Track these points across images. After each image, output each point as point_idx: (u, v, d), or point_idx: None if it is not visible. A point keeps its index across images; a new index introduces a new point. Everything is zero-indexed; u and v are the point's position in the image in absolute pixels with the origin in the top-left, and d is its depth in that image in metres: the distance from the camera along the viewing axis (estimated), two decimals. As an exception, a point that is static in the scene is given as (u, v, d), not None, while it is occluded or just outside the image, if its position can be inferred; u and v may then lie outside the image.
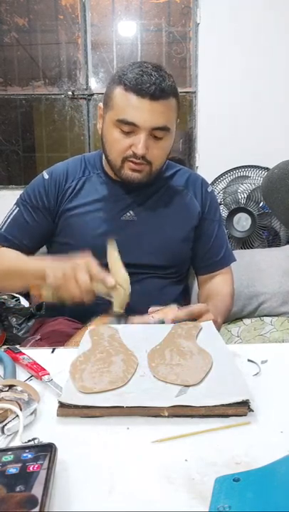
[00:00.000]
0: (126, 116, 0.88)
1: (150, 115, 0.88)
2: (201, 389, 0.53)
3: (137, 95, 0.87)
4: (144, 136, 0.89)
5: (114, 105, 0.91)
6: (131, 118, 0.88)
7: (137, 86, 0.87)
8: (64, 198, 1.00)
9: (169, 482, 0.39)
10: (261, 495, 0.35)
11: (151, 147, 0.91)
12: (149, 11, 2.88)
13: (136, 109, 0.88)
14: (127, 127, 0.89)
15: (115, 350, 0.64)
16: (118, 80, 0.91)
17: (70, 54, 2.91)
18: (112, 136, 0.92)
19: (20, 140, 3.21)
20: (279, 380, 0.59)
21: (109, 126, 0.93)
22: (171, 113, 0.92)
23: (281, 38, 2.62)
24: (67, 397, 0.51)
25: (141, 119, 0.88)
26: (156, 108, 0.88)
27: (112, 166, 0.97)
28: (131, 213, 1.00)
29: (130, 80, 0.88)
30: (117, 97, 0.90)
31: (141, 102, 0.87)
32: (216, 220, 1.10)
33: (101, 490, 0.39)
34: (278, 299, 1.73)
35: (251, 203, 2.35)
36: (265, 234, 2.36)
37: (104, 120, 0.95)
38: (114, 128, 0.91)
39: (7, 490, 0.35)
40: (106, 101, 0.94)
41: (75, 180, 1.02)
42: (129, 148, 0.91)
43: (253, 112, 2.64)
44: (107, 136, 0.94)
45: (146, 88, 0.87)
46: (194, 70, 2.74)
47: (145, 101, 0.87)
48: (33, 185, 1.04)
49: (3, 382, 0.54)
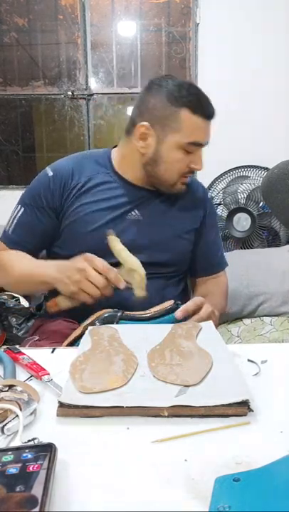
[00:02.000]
0: (198, 139, 0.94)
1: (209, 133, 0.97)
2: (201, 389, 0.53)
3: (204, 117, 0.93)
4: (201, 152, 0.97)
5: (183, 129, 0.92)
6: (202, 140, 0.95)
7: (204, 109, 0.93)
8: (70, 196, 0.99)
9: (169, 482, 0.39)
10: (261, 495, 0.35)
11: None
12: (149, 11, 2.88)
13: (204, 130, 0.95)
14: (193, 148, 0.94)
15: (115, 350, 0.64)
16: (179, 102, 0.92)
17: (70, 54, 2.91)
18: (176, 157, 0.95)
19: (20, 140, 3.21)
20: (279, 380, 0.60)
21: (172, 147, 0.94)
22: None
23: (281, 38, 2.62)
24: (67, 397, 0.51)
25: (205, 138, 0.96)
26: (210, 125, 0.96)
27: (162, 182, 0.99)
28: (136, 212, 1.01)
29: (195, 103, 0.92)
30: (186, 121, 0.92)
31: (206, 123, 0.94)
32: (215, 225, 1.16)
33: (101, 490, 0.39)
34: (278, 299, 1.73)
35: (251, 203, 2.35)
36: (265, 234, 2.36)
37: (161, 141, 0.95)
38: (178, 150, 0.94)
39: (7, 490, 0.35)
40: (165, 123, 0.93)
41: (81, 177, 1.00)
42: (187, 166, 0.97)
43: (253, 111, 2.64)
44: (169, 157, 0.95)
45: (211, 109, 0.94)
46: (194, 70, 2.74)
47: (208, 122, 0.95)
48: (37, 184, 1.02)
49: (3, 382, 0.54)
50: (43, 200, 0.99)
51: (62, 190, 0.99)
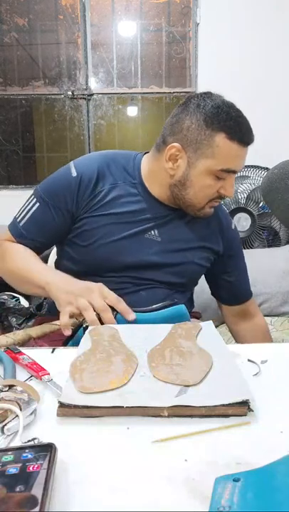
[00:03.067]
0: (231, 166, 0.89)
1: (244, 160, 0.93)
2: (201, 389, 0.53)
3: (240, 144, 0.88)
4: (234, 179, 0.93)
5: (218, 155, 0.87)
6: (234, 167, 0.90)
7: (242, 136, 0.88)
8: (91, 203, 0.94)
9: (169, 482, 0.39)
10: (261, 495, 0.35)
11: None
12: (149, 11, 2.88)
13: (239, 158, 0.90)
14: (226, 174, 0.90)
15: (115, 350, 0.64)
16: (215, 126, 0.86)
17: (70, 54, 2.91)
18: (205, 183, 0.91)
19: (20, 140, 3.22)
20: (279, 380, 0.59)
21: (203, 173, 0.90)
22: None
23: (281, 38, 2.62)
24: (67, 397, 0.50)
25: (239, 165, 0.92)
26: (246, 152, 0.92)
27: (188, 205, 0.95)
28: (155, 233, 0.97)
29: (233, 128, 0.87)
30: (221, 147, 0.87)
31: (242, 150, 0.90)
32: (240, 257, 1.14)
33: (101, 490, 0.39)
34: (278, 299, 1.73)
35: (251, 203, 2.35)
36: (265, 234, 2.36)
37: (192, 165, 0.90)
38: (209, 176, 0.90)
39: (7, 490, 0.35)
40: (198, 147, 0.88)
41: (106, 184, 0.95)
42: (217, 191, 0.92)
43: (253, 111, 2.64)
44: (199, 182, 0.91)
45: (249, 137, 0.90)
46: (194, 70, 2.74)
47: (245, 149, 0.90)
48: (59, 182, 0.96)
49: (3, 382, 0.54)
50: (62, 200, 0.94)
51: (84, 196, 0.94)
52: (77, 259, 0.98)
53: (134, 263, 0.95)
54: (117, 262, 0.95)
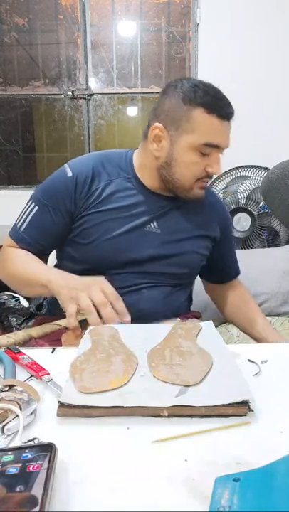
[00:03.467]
0: (212, 140, 0.89)
1: (228, 136, 0.92)
2: (201, 389, 0.53)
3: (220, 118, 0.89)
4: (219, 156, 0.93)
5: (197, 129, 0.89)
6: (217, 142, 0.90)
7: (220, 109, 0.88)
8: (88, 201, 0.96)
9: (169, 482, 0.39)
10: (261, 495, 0.35)
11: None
12: (149, 11, 2.88)
13: (220, 131, 0.90)
14: (209, 149, 0.90)
15: (115, 350, 0.64)
16: (193, 102, 0.88)
17: (70, 54, 2.91)
18: (191, 159, 0.91)
19: (20, 140, 3.22)
20: (279, 380, 0.59)
21: (186, 149, 0.91)
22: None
23: (281, 38, 2.62)
24: (67, 397, 0.51)
25: (223, 141, 0.91)
26: (230, 128, 0.93)
27: (178, 187, 0.95)
28: (154, 225, 0.98)
29: (210, 103, 0.88)
30: (200, 121, 0.88)
31: (223, 124, 0.90)
32: (231, 238, 1.17)
33: (101, 490, 0.39)
34: (278, 299, 1.73)
35: (251, 203, 2.35)
36: (265, 234, 2.36)
37: (174, 143, 0.91)
38: (193, 152, 0.90)
39: (7, 490, 0.35)
40: (179, 124, 0.90)
41: (101, 181, 0.97)
42: (204, 169, 0.92)
43: (253, 112, 2.64)
44: (183, 160, 0.91)
45: (228, 111, 0.90)
46: (194, 70, 2.74)
47: (225, 123, 0.90)
48: (55, 183, 0.97)
49: (3, 382, 0.54)
50: (60, 201, 0.95)
51: (81, 195, 0.95)
52: (79, 259, 0.98)
53: (136, 258, 0.96)
54: (119, 257, 0.95)
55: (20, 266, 0.94)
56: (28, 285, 0.93)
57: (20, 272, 0.93)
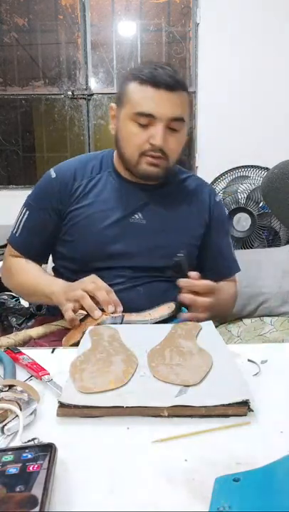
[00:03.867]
0: (143, 109, 0.89)
1: (167, 106, 0.89)
2: (201, 389, 0.53)
3: (153, 87, 0.88)
4: (161, 127, 0.89)
5: (130, 100, 0.91)
6: (149, 109, 0.89)
7: (152, 78, 0.88)
8: (72, 198, 0.98)
9: (169, 482, 0.39)
10: (261, 495, 0.35)
11: (168, 139, 0.91)
12: (149, 11, 2.88)
13: (153, 100, 0.89)
14: (145, 119, 0.89)
15: (115, 350, 0.64)
16: (132, 76, 0.92)
17: (70, 54, 2.91)
18: (129, 130, 0.92)
19: (20, 140, 3.22)
20: (279, 380, 0.59)
21: (124, 122, 0.93)
22: (185, 106, 0.93)
23: (281, 38, 2.62)
24: (67, 397, 0.51)
25: (159, 109, 0.89)
26: (173, 99, 0.89)
27: (127, 162, 0.96)
28: (139, 216, 0.99)
29: (145, 74, 0.89)
30: (133, 92, 0.91)
31: (158, 93, 0.88)
32: (224, 230, 1.12)
33: (101, 490, 0.39)
34: (278, 299, 1.72)
35: (251, 203, 2.35)
36: (265, 234, 2.36)
37: (118, 118, 0.96)
38: (130, 122, 0.92)
39: (7, 490, 0.35)
40: (119, 99, 0.95)
41: (84, 179, 1.00)
42: (147, 141, 0.91)
43: (253, 111, 2.64)
44: (123, 132, 0.94)
45: (162, 79, 0.88)
46: (194, 70, 2.74)
47: (162, 92, 0.88)
48: (41, 186, 1.02)
49: (3, 382, 0.54)
50: (47, 201, 0.99)
51: (65, 192, 0.98)
52: (68, 256, 1.00)
53: (124, 249, 0.96)
54: (106, 250, 0.95)
55: (25, 277, 0.99)
56: (34, 295, 0.98)
57: (26, 284, 0.98)
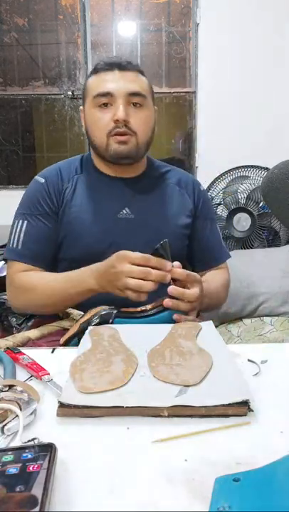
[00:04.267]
0: (100, 90, 0.94)
1: (122, 82, 0.94)
2: (201, 389, 0.53)
3: (106, 70, 0.95)
4: (121, 101, 0.93)
5: (89, 89, 0.97)
6: (105, 89, 0.94)
7: (104, 64, 0.96)
8: (63, 200, 1.00)
9: (169, 482, 0.39)
10: (261, 495, 0.35)
11: (132, 115, 0.94)
12: (149, 11, 2.88)
13: (107, 80, 0.95)
14: (104, 99, 0.94)
15: (115, 350, 0.64)
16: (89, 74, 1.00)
17: (70, 54, 2.91)
18: (93, 116, 0.96)
19: (20, 140, 3.22)
20: (279, 380, 0.59)
21: (88, 111, 0.98)
22: (143, 84, 0.97)
23: (281, 38, 2.62)
24: (67, 397, 0.51)
25: (114, 86, 0.94)
26: (127, 76, 0.95)
27: (99, 149, 0.98)
28: (127, 211, 1.01)
29: (100, 66, 0.97)
30: (91, 82, 0.97)
31: (110, 74, 0.95)
32: (209, 218, 1.12)
33: (101, 490, 0.39)
34: (278, 299, 1.73)
35: (251, 203, 2.35)
36: (265, 234, 2.36)
37: (85, 114, 1.00)
38: (93, 109, 0.96)
39: (7, 490, 0.35)
40: (83, 97, 1.01)
41: (70, 180, 1.02)
42: (111, 121, 0.94)
43: (253, 111, 2.64)
44: (89, 121, 0.98)
45: (114, 62, 0.95)
46: (194, 70, 2.74)
47: (115, 72, 0.95)
48: (32, 193, 1.01)
49: (3, 382, 0.54)
50: (43, 206, 0.99)
51: (56, 194, 1.00)
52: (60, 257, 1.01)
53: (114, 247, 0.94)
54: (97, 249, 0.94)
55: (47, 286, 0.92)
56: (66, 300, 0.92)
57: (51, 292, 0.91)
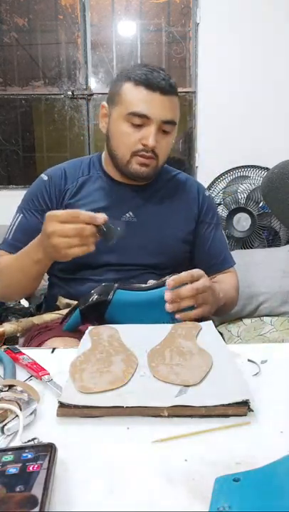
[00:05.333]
0: (137, 109, 0.91)
1: (161, 108, 0.92)
2: (201, 389, 0.53)
3: (148, 89, 0.91)
4: (154, 128, 0.92)
5: (124, 100, 0.93)
6: (143, 110, 0.91)
7: (147, 80, 0.90)
8: (64, 200, 1.01)
9: (169, 482, 0.39)
10: (261, 495, 0.35)
11: (159, 141, 0.93)
12: (149, 11, 2.88)
13: (147, 101, 0.91)
14: (138, 120, 0.92)
15: (115, 350, 0.64)
16: (125, 77, 0.93)
17: (70, 54, 2.91)
18: (121, 130, 0.94)
19: (20, 140, 3.22)
20: (279, 380, 0.59)
21: (117, 121, 0.94)
22: (176, 110, 0.96)
23: (281, 38, 2.62)
24: (67, 397, 0.51)
25: (152, 111, 0.91)
26: (166, 102, 0.92)
27: (118, 162, 0.97)
28: (130, 214, 1.01)
29: (140, 76, 0.91)
30: (127, 92, 0.92)
31: (152, 95, 0.91)
32: (214, 224, 1.11)
33: (101, 490, 0.39)
34: (278, 299, 1.73)
35: (251, 203, 2.35)
36: (265, 234, 2.36)
37: (110, 117, 0.97)
38: (123, 122, 0.93)
39: (7, 490, 0.35)
40: (112, 99, 0.96)
41: (74, 180, 1.03)
42: (139, 142, 0.93)
43: (253, 111, 2.64)
44: (115, 131, 0.96)
45: (157, 82, 0.90)
46: (194, 70, 2.74)
47: (156, 95, 0.91)
48: (34, 189, 1.04)
49: (3, 382, 0.54)
50: (41, 202, 1.00)
51: (57, 193, 1.00)
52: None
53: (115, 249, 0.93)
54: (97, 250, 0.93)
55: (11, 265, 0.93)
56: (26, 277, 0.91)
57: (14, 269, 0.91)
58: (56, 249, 0.75)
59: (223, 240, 1.14)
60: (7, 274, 0.94)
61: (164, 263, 1.01)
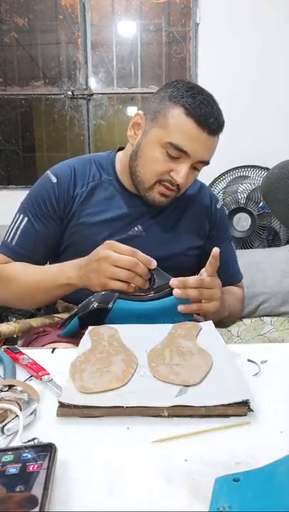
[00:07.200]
0: (180, 143, 0.85)
1: (203, 148, 0.87)
2: (201, 389, 0.53)
3: (198, 125, 0.85)
4: (188, 166, 0.88)
5: (169, 125, 0.86)
6: (185, 147, 0.86)
7: (200, 116, 0.84)
8: (73, 205, 0.95)
9: (169, 482, 0.39)
10: (261, 495, 0.35)
11: (187, 177, 0.89)
12: (149, 11, 2.88)
13: (193, 139, 0.85)
14: (176, 153, 0.86)
15: (115, 350, 0.64)
16: (176, 100, 0.86)
17: (70, 54, 2.91)
18: (154, 154, 0.88)
19: (20, 140, 3.22)
20: (279, 380, 0.59)
21: (153, 143, 0.89)
22: (215, 149, 0.92)
23: (281, 38, 2.62)
24: (67, 397, 0.50)
25: (194, 150, 0.86)
26: (209, 143, 0.88)
27: (139, 181, 0.93)
28: (139, 228, 0.97)
29: (193, 106, 0.85)
30: (175, 119, 0.86)
31: (200, 134, 0.85)
32: (225, 238, 1.09)
33: (101, 490, 0.39)
34: (278, 299, 1.73)
35: (251, 203, 2.35)
36: (265, 234, 2.36)
37: (145, 133, 0.91)
38: (159, 147, 0.88)
39: (7, 490, 0.35)
40: (155, 115, 0.89)
41: (84, 185, 0.96)
42: (168, 173, 0.89)
43: (253, 112, 2.64)
44: (147, 152, 0.90)
45: (209, 121, 0.85)
46: (194, 70, 2.74)
47: (204, 134, 0.86)
48: (41, 191, 0.96)
49: (3, 382, 0.54)
50: (48, 207, 0.94)
51: (66, 198, 0.95)
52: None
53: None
54: None
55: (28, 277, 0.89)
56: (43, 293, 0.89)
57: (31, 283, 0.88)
58: (99, 275, 0.75)
59: (232, 254, 1.11)
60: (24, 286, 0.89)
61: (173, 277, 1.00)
